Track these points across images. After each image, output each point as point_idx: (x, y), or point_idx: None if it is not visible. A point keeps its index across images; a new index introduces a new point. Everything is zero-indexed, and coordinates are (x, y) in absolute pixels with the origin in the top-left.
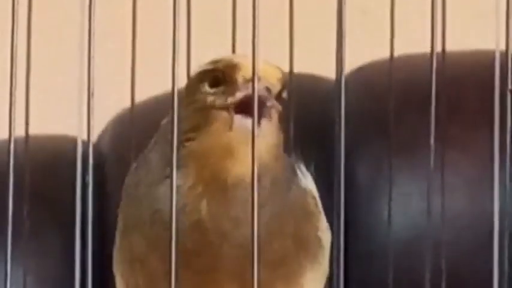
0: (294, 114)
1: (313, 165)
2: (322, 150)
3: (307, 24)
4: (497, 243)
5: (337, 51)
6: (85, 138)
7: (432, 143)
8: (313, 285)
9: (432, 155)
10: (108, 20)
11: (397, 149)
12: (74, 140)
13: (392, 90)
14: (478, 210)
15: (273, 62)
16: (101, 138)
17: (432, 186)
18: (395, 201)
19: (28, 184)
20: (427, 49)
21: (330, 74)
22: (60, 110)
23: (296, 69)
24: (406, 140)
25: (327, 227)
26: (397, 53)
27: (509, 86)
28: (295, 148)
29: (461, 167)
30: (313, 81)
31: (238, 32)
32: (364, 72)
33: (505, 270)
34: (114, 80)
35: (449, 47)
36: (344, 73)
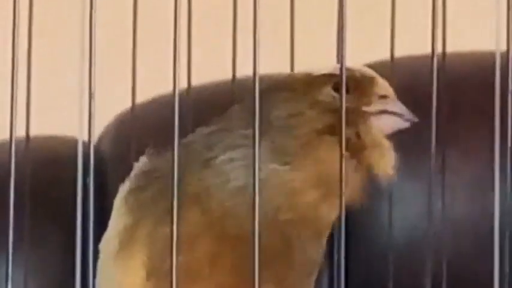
0: None
1: None
2: None
3: (308, 25)
4: (497, 245)
5: (338, 53)
6: (86, 139)
7: (433, 145)
8: None
9: (433, 157)
10: (109, 22)
11: (398, 149)
12: (75, 141)
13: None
14: (479, 212)
15: (274, 62)
16: (101, 138)
17: (433, 187)
18: (396, 203)
19: (29, 185)
20: (428, 50)
21: None
22: (61, 111)
23: (297, 71)
24: (407, 141)
25: None
26: (398, 54)
27: (510, 88)
28: None
29: (462, 169)
30: None
31: (239, 33)
32: None
33: (506, 272)
34: (115, 81)
35: (450, 48)
36: (345, 74)
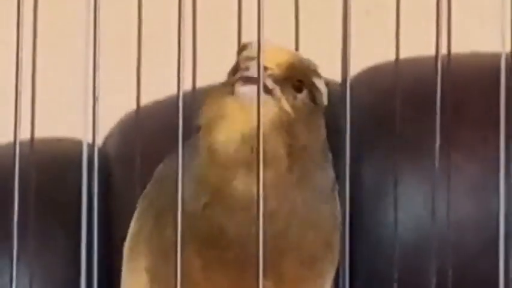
0: None
1: None
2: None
3: (313, 26)
4: (503, 246)
5: (343, 54)
6: (91, 141)
7: (437, 146)
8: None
9: (437, 157)
10: (114, 24)
11: (403, 151)
12: (80, 143)
13: (398, 92)
14: (484, 213)
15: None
16: (107, 140)
17: (438, 189)
18: (401, 203)
19: (34, 187)
20: (433, 51)
21: (336, 76)
22: (66, 113)
23: None
24: (411, 143)
25: None
26: (403, 55)
27: None
28: None
29: (467, 170)
30: None
31: (244, 36)
32: (370, 74)
33: (510, 271)
34: (120, 82)
35: (454, 49)
36: (349, 76)
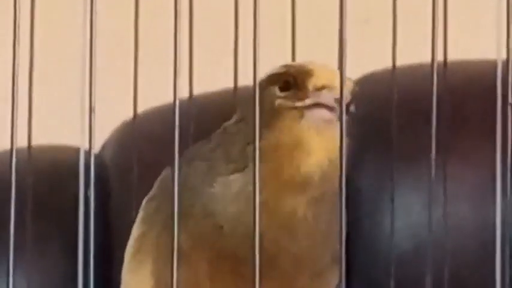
0: None
1: None
2: None
3: (310, 34)
4: (499, 253)
5: (339, 63)
6: (88, 148)
7: (433, 153)
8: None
9: (433, 165)
10: (111, 32)
11: (400, 158)
12: (77, 150)
13: (394, 100)
14: (481, 220)
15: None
16: (104, 147)
17: (435, 196)
18: (397, 211)
19: (31, 194)
20: (430, 59)
21: None
22: (62, 120)
23: None
24: (408, 150)
25: None
26: (400, 62)
27: (510, 100)
28: None
29: (464, 177)
30: None
31: (241, 43)
32: (367, 81)
33: (507, 280)
34: (118, 90)
35: (451, 57)
36: (344, 83)
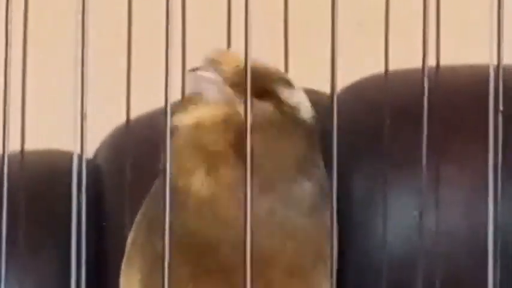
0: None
1: None
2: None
3: (303, 38)
4: (491, 258)
5: (331, 67)
6: (84, 151)
7: (424, 159)
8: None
9: (424, 170)
10: (103, 37)
11: (393, 163)
12: (70, 155)
13: (387, 104)
14: (473, 226)
15: None
16: (98, 152)
17: (427, 201)
18: (390, 215)
19: (24, 198)
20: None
21: (327, 88)
22: (56, 125)
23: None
24: (401, 155)
25: None
26: (394, 67)
27: (500, 107)
28: None
29: (456, 182)
30: (310, 96)
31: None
32: (360, 86)
33: (498, 285)
34: (111, 95)
35: (443, 62)
36: (336, 88)
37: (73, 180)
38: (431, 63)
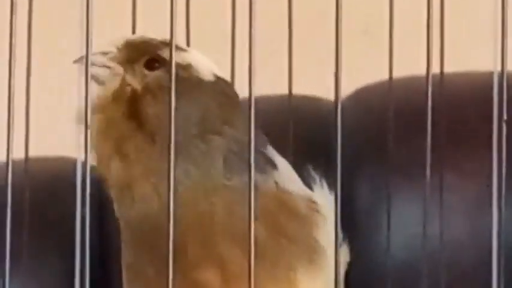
0: (292, 134)
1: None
2: (324, 170)
3: (306, 45)
4: (496, 265)
5: (335, 74)
6: (88, 159)
7: (428, 165)
8: (311, 286)
9: (428, 177)
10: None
11: (396, 169)
12: (74, 162)
13: (391, 111)
14: (477, 231)
15: (272, 83)
16: None
17: (431, 207)
18: (394, 222)
19: (28, 206)
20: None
21: (332, 95)
22: (60, 132)
23: (298, 91)
24: (405, 161)
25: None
26: (398, 74)
27: (504, 117)
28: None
29: (460, 189)
30: (314, 103)
31: (237, 55)
32: (364, 93)
33: None
34: None
35: (447, 69)
36: (340, 95)
37: (77, 187)
38: (435, 71)
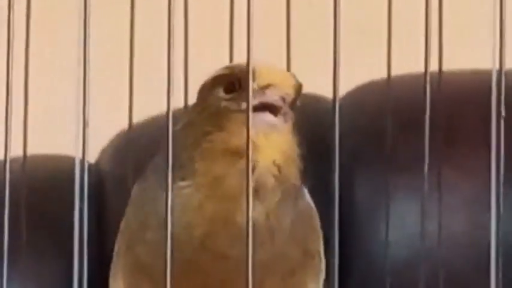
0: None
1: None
2: (322, 169)
3: (306, 44)
4: (494, 263)
5: (334, 72)
6: (85, 157)
7: (426, 164)
8: None
9: (426, 176)
10: (106, 42)
11: (395, 168)
12: (72, 160)
13: (389, 109)
14: (476, 230)
15: None
16: (101, 157)
17: (430, 207)
18: (393, 221)
19: (25, 204)
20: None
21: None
22: (58, 130)
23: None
24: (403, 160)
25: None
26: (396, 72)
27: (502, 113)
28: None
29: (459, 188)
30: (313, 101)
31: (235, 53)
32: (362, 91)
33: None
34: (115, 100)
35: (446, 67)
36: (338, 93)
37: (75, 185)
38: (433, 69)
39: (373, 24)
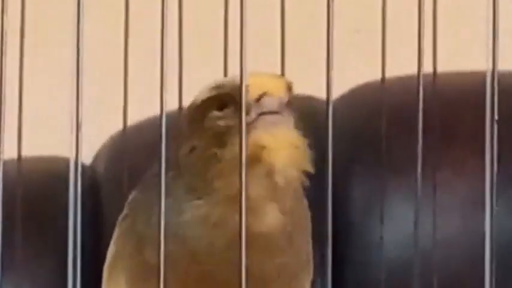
0: None
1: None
2: (316, 171)
3: (300, 45)
4: (488, 264)
5: (327, 73)
6: (79, 160)
7: (419, 165)
8: None
9: (419, 177)
10: (101, 44)
11: (390, 169)
12: (67, 161)
13: (384, 110)
14: (471, 231)
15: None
16: (96, 158)
17: (424, 208)
18: (387, 221)
19: (20, 205)
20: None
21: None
22: (53, 131)
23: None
24: (398, 161)
25: None
26: (391, 74)
27: (496, 117)
28: None
29: (453, 188)
30: (307, 102)
31: (230, 57)
32: (357, 93)
33: None
34: (110, 101)
35: (441, 68)
36: (332, 94)
37: (70, 186)
38: (428, 70)
39: (367, 26)
